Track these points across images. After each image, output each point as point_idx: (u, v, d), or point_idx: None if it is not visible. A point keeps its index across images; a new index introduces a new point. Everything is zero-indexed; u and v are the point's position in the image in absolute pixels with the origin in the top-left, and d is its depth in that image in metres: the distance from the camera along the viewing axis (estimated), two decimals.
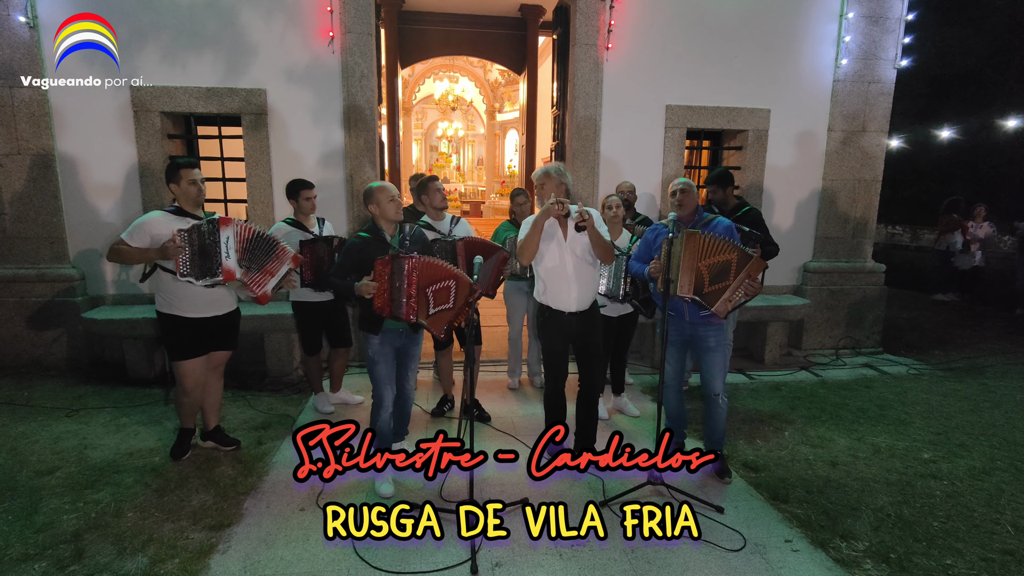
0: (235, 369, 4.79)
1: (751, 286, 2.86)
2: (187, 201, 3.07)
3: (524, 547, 2.51)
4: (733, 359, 4.82)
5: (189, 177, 3.03)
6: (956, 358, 5.64)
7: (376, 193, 2.94)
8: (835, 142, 5.58)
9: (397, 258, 2.77)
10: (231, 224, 2.97)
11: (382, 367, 2.98)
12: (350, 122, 4.87)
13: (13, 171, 4.61)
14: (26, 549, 2.45)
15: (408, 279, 2.74)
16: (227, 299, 3.23)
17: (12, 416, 3.82)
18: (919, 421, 4.00)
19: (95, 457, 3.28)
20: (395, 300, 2.77)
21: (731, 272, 2.85)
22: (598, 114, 5.19)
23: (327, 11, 4.72)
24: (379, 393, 3.01)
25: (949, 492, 3.05)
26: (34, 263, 4.74)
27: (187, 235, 2.88)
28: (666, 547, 2.54)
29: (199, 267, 2.91)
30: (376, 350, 2.97)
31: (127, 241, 2.92)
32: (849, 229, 5.75)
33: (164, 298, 3.08)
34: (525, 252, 2.98)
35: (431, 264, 2.79)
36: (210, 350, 3.22)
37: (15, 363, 4.74)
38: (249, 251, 3.03)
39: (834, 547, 2.57)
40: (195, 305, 3.08)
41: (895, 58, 5.50)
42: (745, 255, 2.85)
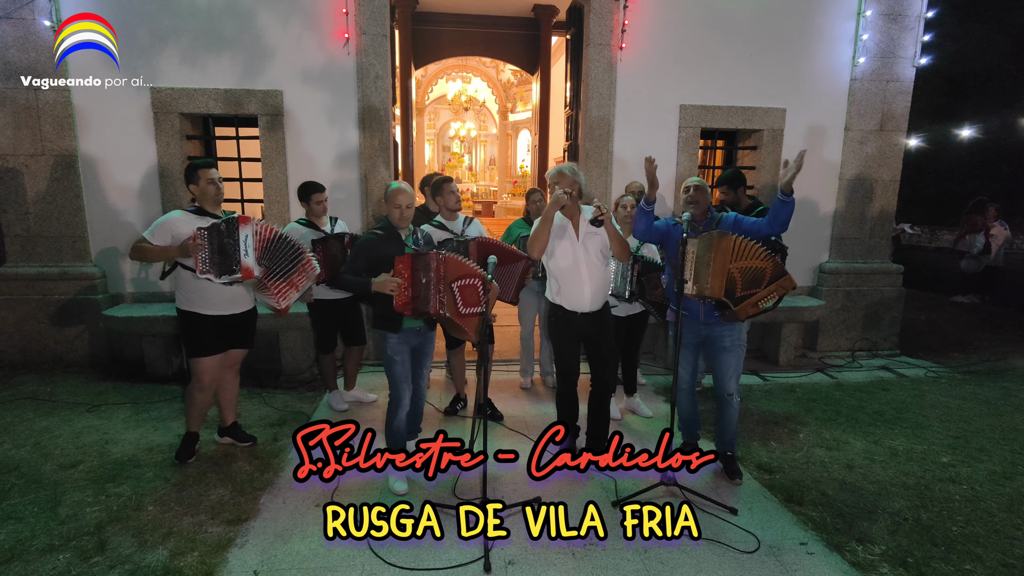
0: (250, 367, 4.85)
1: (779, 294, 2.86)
2: (206, 200, 3.12)
3: (537, 546, 2.52)
4: (747, 360, 4.79)
5: (207, 177, 3.10)
6: (976, 361, 5.54)
7: (389, 195, 2.97)
8: (852, 141, 5.51)
9: (423, 255, 2.77)
10: (250, 223, 3.02)
11: (400, 366, 3.00)
12: (365, 123, 4.91)
13: (37, 171, 4.71)
14: (51, 540, 2.51)
15: (436, 274, 2.74)
16: (245, 298, 3.27)
17: (36, 411, 3.92)
18: (938, 424, 3.94)
19: (116, 452, 3.35)
20: (420, 296, 2.75)
21: (764, 281, 2.84)
22: (611, 114, 5.18)
23: (343, 13, 4.77)
24: (397, 392, 3.03)
25: (969, 496, 3.01)
26: (57, 261, 4.85)
27: (207, 233, 2.93)
28: (678, 547, 2.53)
29: (218, 265, 2.96)
30: (394, 349, 2.98)
31: (149, 240, 2.98)
32: (866, 229, 5.68)
33: (184, 295, 3.14)
34: (535, 245, 2.99)
35: (456, 261, 2.81)
36: (227, 348, 3.26)
37: (38, 359, 4.85)
38: (269, 252, 3.07)
39: (850, 550, 2.55)
40: (213, 303, 3.13)
41: (914, 56, 5.42)
42: (780, 268, 2.84)
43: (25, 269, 4.82)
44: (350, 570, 2.36)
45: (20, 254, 4.82)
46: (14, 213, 4.75)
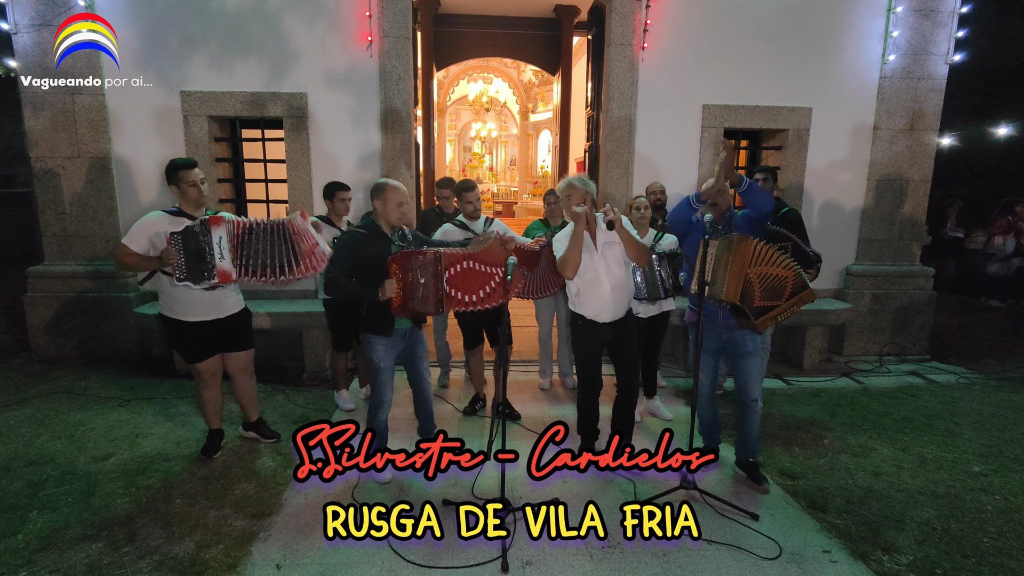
0: (275, 364, 4.96)
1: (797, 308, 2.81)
2: (187, 203, 2.98)
3: (555, 547, 2.52)
4: (770, 364, 4.71)
5: (188, 179, 2.94)
6: (1012, 368, 5.35)
7: (386, 192, 2.84)
8: (881, 141, 5.38)
9: (417, 252, 2.71)
10: (222, 224, 2.82)
11: (386, 372, 2.95)
12: (387, 124, 4.97)
13: (74, 173, 4.88)
14: (84, 530, 2.60)
15: (434, 271, 2.69)
16: (229, 301, 3.13)
17: (71, 404, 4.06)
18: (969, 432, 3.82)
19: (146, 445, 3.45)
20: (416, 296, 2.70)
21: (784, 293, 2.78)
22: (633, 114, 5.15)
23: (366, 16, 4.83)
24: (381, 394, 2.99)
25: (1002, 507, 2.91)
26: (91, 260, 5.01)
27: (180, 238, 2.77)
28: (698, 551, 2.51)
29: (194, 271, 2.80)
30: (380, 355, 2.91)
31: (127, 244, 2.84)
32: (896, 231, 5.53)
33: (164, 301, 3.02)
34: (568, 266, 2.92)
35: (454, 255, 2.77)
36: (221, 351, 3.19)
37: (73, 354, 5.02)
38: (243, 248, 2.83)
39: (875, 559, 2.49)
40: (193, 309, 3.00)
41: (947, 53, 5.26)
42: (802, 280, 2.77)
43: (61, 267, 4.99)
44: (370, 567, 2.40)
45: (56, 253, 5.00)
46: (51, 213, 4.93)
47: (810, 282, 2.82)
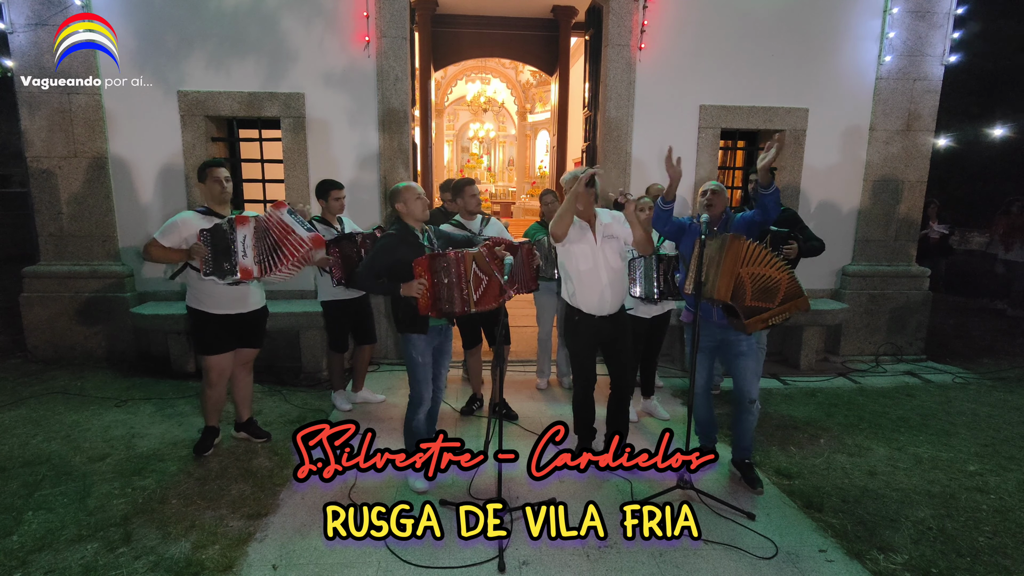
0: (272, 365, 4.95)
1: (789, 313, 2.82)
2: (211, 199, 3.16)
3: (552, 547, 2.52)
4: (767, 364, 4.72)
5: (214, 175, 3.13)
6: (1007, 368, 5.38)
7: (404, 192, 2.95)
8: (877, 142, 5.40)
9: (441, 255, 2.76)
10: (247, 223, 3.02)
11: (423, 368, 3.00)
12: (385, 125, 4.97)
13: (70, 173, 4.87)
14: (80, 531, 2.59)
15: (457, 273, 2.75)
16: (253, 296, 3.30)
17: (67, 404, 4.04)
18: (965, 432, 3.84)
19: (142, 446, 3.44)
20: (443, 297, 2.76)
21: (777, 296, 2.78)
22: (630, 115, 5.15)
23: (363, 16, 4.83)
24: (419, 393, 3.03)
25: (997, 507, 2.92)
26: (87, 260, 5.00)
27: (208, 235, 2.97)
28: (695, 551, 2.51)
29: (220, 266, 3.00)
30: (419, 350, 2.97)
31: (160, 241, 3.02)
32: (891, 232, 5.55)
33: (193, 294, 3.20)
34: (560, 224, 2.93)
35: (473, 257, 2.81)
36: (236, 347, 3.32)
37: (69, 354, 5.00)
38: (259, 247, 3.04)
39: (871, 559, 2.50)
40: (220, 302, 3.18)
41: (943, 54, 5.29)
42: (796, 285, 2.79)
43: (57, 267, 4.98)
44: (366, 567, 2.39)
45: (53, 253, 4.98)
46: (48, 213, 4.92)
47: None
